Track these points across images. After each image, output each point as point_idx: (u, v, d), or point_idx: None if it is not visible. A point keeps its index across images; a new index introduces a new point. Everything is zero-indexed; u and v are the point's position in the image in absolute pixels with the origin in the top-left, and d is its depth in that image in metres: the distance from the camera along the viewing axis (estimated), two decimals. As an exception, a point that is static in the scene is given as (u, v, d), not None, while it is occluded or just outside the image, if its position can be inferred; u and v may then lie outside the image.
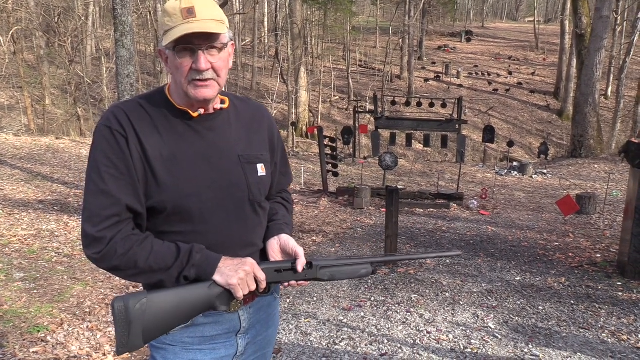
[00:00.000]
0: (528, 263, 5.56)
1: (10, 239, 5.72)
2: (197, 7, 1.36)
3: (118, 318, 1.32)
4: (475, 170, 13.81)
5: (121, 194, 1.36)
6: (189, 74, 1.38)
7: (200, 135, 1.46)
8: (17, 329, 3.64)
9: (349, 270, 1.54)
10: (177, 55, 1.37)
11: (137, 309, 1.33)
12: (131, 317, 1.32)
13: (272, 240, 1.58)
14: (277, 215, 1.67)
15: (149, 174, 1.39)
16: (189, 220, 1.42)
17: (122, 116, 1.40)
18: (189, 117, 1.45)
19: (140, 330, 1.34)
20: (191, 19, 1.35)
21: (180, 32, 1.34)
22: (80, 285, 4.60)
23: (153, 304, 1.35)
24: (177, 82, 1.43)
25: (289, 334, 3.82)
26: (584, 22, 15.44)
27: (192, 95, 1.40)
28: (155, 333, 1.37)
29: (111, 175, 1.36)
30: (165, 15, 1.37)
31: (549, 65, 33.50)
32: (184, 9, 1.35)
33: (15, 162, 10.17)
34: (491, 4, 64.71)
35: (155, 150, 1.39)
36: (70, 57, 20.79)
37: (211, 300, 1.40)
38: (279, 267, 1.50)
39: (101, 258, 1.35)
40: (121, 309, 1.32)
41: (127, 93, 6.68)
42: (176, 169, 1.40)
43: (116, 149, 1.37)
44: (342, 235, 6.77)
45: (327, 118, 27.15)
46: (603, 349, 3.58)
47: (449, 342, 3.69)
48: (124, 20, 6.63)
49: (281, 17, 28.81)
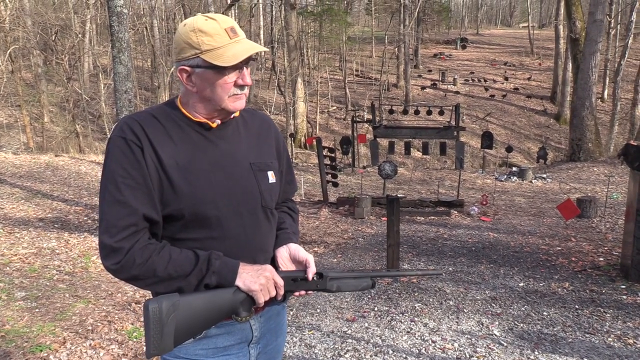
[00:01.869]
0: (531, 268, 5.54)
1: (11, 258, 5.69)
2: (236, 27, 1.43)
3: (152, 319, 1.31)
4: (474, 176, 13.81)
5: (138, 203, 1.37)
6: (232, 89, 1.44)
7: (214, 144, 1.49)
8: (19, 348, 3.62)
9: (352, 283, 1.57)
10: (226, 73, 1.41)
11: (171, 311, 1.33)
12: (165, 319, 1.32)
13: (282, 248, 1.60)
14: (284, 224, 1.69)
15: (165, 182, 1.41)
16: (206, 227, 1.44)
17: (137, 126, 1.41)
18: (208, 127, 1.49)
19: (172, 332, 1.34)
20: (237, 39, 1.42)
21: (246, 52, 1.40)
22: (82, 302, 4.57)
23: (184, 306, 1.36)
24: (209, 99, 1.45)
25: (293, 346, 3.80)
26: (578, 27, 15.53)
27: (231, 107, 1.46)
28: (185, 336, 1.38)
29: (127, 186, 1.37)
30: (203, 35, 1.40)
31: (545, 70, 33.65)
32: (227, 28, 1.41)
33: (15, 180, 10.16)
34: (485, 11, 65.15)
35: (171, 159, 1.41)
36: (68, 74, 20.86)
37: (235, 306, 1.42)
38: (296, 276, 1.53)
39: (120, 268, 1.36)
40: (155, 310, 1.31)
41: (125, 109, 6.69)
42: (192, 177, 1.42)
43: (132, 159, 1.38)
44: (344, 246, 6.76)
45: (325, 128, 27.19)
46: (609, 353, 3.55)
47: (454, 350, 3.67)
48: (121, 37, 6.66)
49: (277, 30, 28.96)
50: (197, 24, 1.41)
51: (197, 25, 1.40)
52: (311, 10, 29.72)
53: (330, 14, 29.21)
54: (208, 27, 1.40)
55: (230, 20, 1.44)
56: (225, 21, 1.42)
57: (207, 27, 1.39)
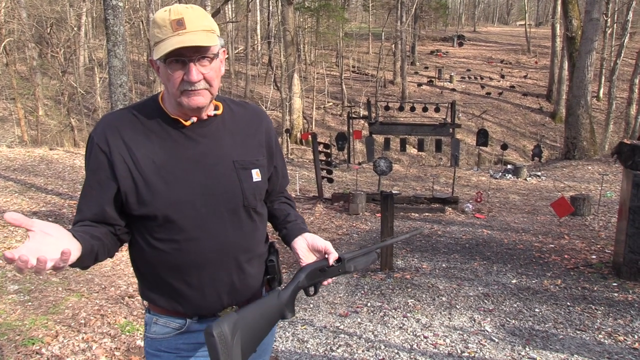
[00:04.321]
0: (524, 266, 5.57)
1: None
2: (187, 18, 1.35)
3: (220, 344, 1.28)
4: (469, 173, 13.84)
5: (91, 203, 1.43)
6: (181, 85, 1.38)
7: (194, 142, 1.46)
8: (11, 341, 3.61)
9: (364, 260, 1.61)
10: (168, 67, 1.37)
11: (234, 331, 1.33)
12: (231, 342, 1.31)
13: (299, 240, 1.60)
14: (291, 216, 1.69)
15: (140, 182, 1.39)
16: (183, 228, 1.42)
17: (110, 130, 1.42)
18: (182, 125, 1.45)
19: (240, 352, 1.33)
20: (181, 31, 1.34)
21: (171, 46, 1.33)
22: (75, 296, 4.57)
23: (243, 323, 1.36)
24: (169, 92, 1.43)
25: (286, 341, 3.81)
26: (575, 25, 15.56)
27: (185, 104, 1.40)
28: (249, 352, 1.38)
29: (90, 187, 1.43)
30: (155, 26, 1.37)
31: (541, 68, 33.69)
32: (173, 20, 1.34)
33: (9, 173, 10.12)
34: (482, 8, 65.13)
35: (147, 158, 1.40)
36: (63, 67, 20.73)
37: (282, 309, 1.45)
38: (322, 265, 1.55)
39: None
40: (221, 335, 1.29)
41: (120, 103, 6.66)
42: (170, 177, 1.41)
43: (95, 161, 1.42)
44: (338, 241, 6.77)
45: (321, 124, 27.18)
46: (600, 350, 3.58)
47: (446, 346, 3.69)
48: (116, 30, 6.63)
49: (274, 25, 28.88)
50: (155, 15, 1.39)
51: (154, 17, 1.39)
52: (308, 6, 29.60)
53: (328, 9, 29.12)
54: (159, 18, 1.36)
55: (185, 11, 1.36)
56: (176, 12, 1.35)
57: (158, 19, 1.36)
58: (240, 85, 31.60)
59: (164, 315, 1.51)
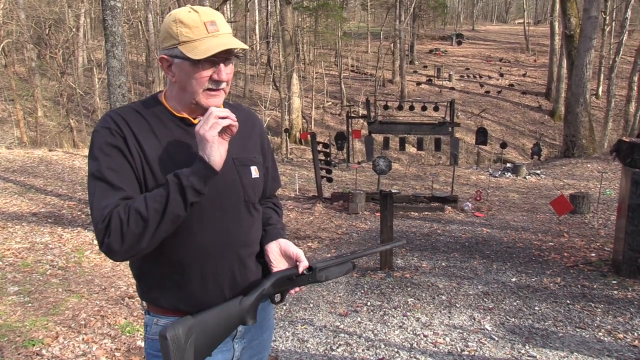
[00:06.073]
0: (523, 264, 5.57)
1: (4, 253, 5.68)
2: (218, 20, 1.42)
3: (173, 348, 1.29)
4: (469, 172, 13.84)
5: (123, 184, 1.38)
6: (206, 84, 1.43)
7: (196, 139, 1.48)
8: (11, 343, 3.61)
9: (337, 270, 1.59)
10: (199, 66, 1.41)
11: (189, 335, 1.33)
12: (184, 345, 1.32)
13: (272, 244, 1.61)
14: (272, 220, 1.71)
15: (148, 174, 1.42)
16: (186, 221, 1.44)
17: (119, 119, 1.44)
18: (189, 123, 1.49)
19: (192, 355, 1.34)
20: (216, 33, 1.40)
21: (217, 47, 1.37)
22: (75, 297, 4.57)
23: (199, 327, 1.37)
24: (186, 90, 1.45)
25: (286, 341, 3.81)
26: (573, 23, 15.56)
27: (204, 103, 1.45)
28: (202, 356, 1.39)
29: (112, 170, 1.39)
30: (182, 26, 1.40)
31: (540, 66, 33.69)
32: (207, 22, 1.40)
33: (8, 175, 10.12)
34: (481, 7, 65.12)
35: (153, 152, 1.43)
36: (62, 68, 20.73)
37: (242, 315, 1.45)
38: (291, 274, 1.54)
39: (113, 238, 1.32)
40: (175, 338, 1.30)
41: (119, 103, 6.66)
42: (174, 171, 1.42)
43: (115, 146, 1.40)
44: (338, 241, 6.77)
45: (320, 124, 27.17)
46: (600, 347, 3.58)
47: (445, 345, 3.69)
48: (115, 31, 6.63)
49: (272, 25, 28.85)
50: (179, 15, 1.42)
51: (178, 16, 1.41)
52: (307, 5, 29.55)
53: (326, 9, 29.09)
54: (188, 19, 1.40)
55: (214, 14, 1.43)
56: (207, 14, 1.42)
57: (187, 19, 1.40)
58: (239, 85, 31.58)
59: (164, 316, 1.52)
